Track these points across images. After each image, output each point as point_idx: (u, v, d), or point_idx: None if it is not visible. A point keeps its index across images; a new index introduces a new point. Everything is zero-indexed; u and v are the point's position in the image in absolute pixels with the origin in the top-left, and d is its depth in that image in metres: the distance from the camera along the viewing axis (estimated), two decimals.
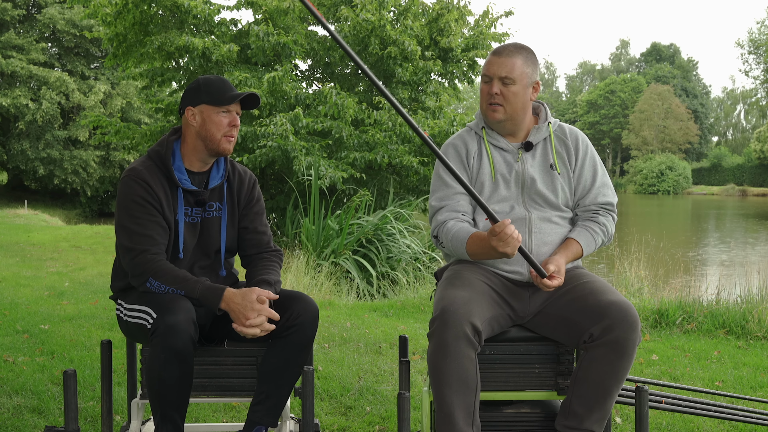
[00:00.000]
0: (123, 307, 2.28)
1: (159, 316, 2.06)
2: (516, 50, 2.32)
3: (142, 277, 2.18)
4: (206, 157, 2.32)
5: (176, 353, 2.04)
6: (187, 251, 2.31)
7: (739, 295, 5.78)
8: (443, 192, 2.38)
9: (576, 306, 2.19)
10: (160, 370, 2.05)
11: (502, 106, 2.30)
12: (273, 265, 2.39)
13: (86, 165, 28.73)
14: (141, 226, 2.19)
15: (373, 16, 10.51)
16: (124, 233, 2.21)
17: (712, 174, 63.45)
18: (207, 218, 2.34)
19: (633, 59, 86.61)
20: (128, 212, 2.21)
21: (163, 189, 2.25)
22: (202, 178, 2.34)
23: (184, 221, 2.29)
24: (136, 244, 2.18)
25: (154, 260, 2.18)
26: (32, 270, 8.30)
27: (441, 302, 2.13)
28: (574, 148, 2.40)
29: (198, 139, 2.29)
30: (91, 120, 13.17)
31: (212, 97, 2.26)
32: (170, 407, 2.11)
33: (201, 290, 2.15)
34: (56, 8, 28.96)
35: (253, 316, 2.11)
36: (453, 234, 2.28)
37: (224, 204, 2.36)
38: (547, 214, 2.34)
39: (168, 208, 2.25)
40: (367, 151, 10.33)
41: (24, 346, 4.29)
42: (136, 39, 11.61)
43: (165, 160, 2.26)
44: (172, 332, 2.03)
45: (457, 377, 2.04)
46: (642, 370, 4.00)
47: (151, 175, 2.24)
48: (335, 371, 3.82)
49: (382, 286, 7.70)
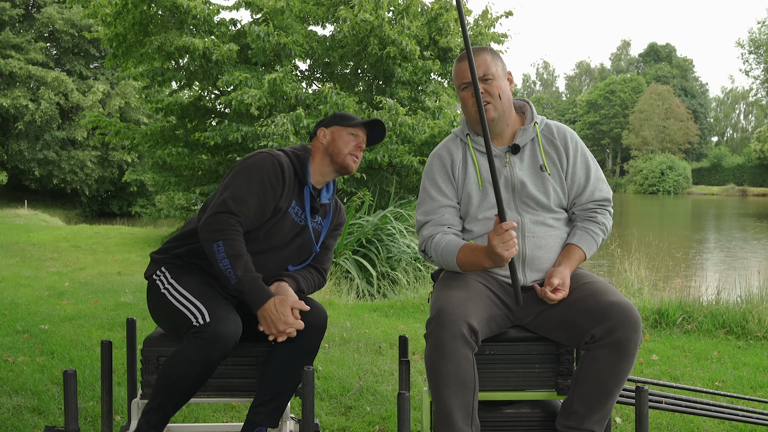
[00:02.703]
0: (167, 280, 2.27)
1: (212, 322, 2.08)
2: (479, 50, 2.33)
3: (216, 235, 2.18)
4: (329, 173, 2.45)
5: (209, 362, 2.07)
6: (281, 242, 2.36)
7: (739, 295, 5.77)
8: (428, 206, 2.37)
9: (577, 307, 2.18)
10: (186, 368, 2.06)
11: (491, 104, 2.29)
12: (310, 276, 2.45)
13: (83, 165, 28.72)
14: (249, 194, 2.24)
15: (372, 17, 10.51)
16: (228, 191, 2.25)
17: (712, 174, 63.47)
18: (312, 228, 2.44)
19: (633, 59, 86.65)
20: (248, 178, 2.26)
21: (290, 182, 2.34)
22: (316, 193, 2.46)
23: (292, 215, 2.36)
24: (234, 203, 2.22)
25: (235, 229, 2.21)
26: (32, 270, 8.30)
27: (437, 303, 2.12)
28: (564, 147, 2.37)
29: (326, 155, 2.43)
30: (90, 120, 13.17)
31: (343, 120, 2.47)
32: (171, 402, 2.12)
33: (252, 286, 2.17)
34: (55, 8, 28.95)
35: (284, 329, 2.17)
36: (442, 247, 2.28)
37: (326, 222, 2.49)
38: (540, 218, 2.32)
39: (284, 199, 2.32)
40: (367, 151, 10.33)
41: (24, 346, 4.29)
42: (136, 39, 11.62)
43: (303, 164, 2.39)
44: (217, 342, 2.06)
45: (454, 377, 2.04)
46: (642, 370, 4.00)
47: (288, 167, 2.34)
48: (335, 371, 3.82)
49: (382, 286, 7.70)
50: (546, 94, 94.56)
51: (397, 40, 10.67)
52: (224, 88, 11.46)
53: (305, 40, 11.58)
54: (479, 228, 2.33)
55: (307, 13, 12.26)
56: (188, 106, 12.71)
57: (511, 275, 2.16)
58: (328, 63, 12.21)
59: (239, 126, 10.35)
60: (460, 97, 2.35)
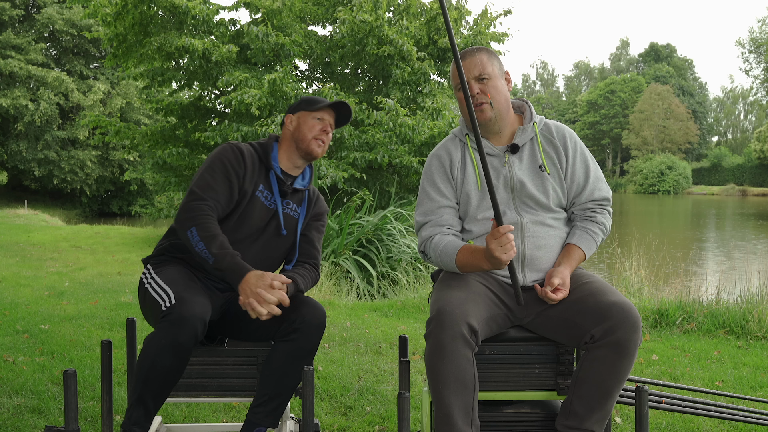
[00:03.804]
0: (150, 275, 2.29)
1: (176, 303, 2.07)
2: (475, 50, 2.34)
3: (188, 222, 2.22)
4: (297, 159, 2.47)
5: (177, 345, 2.03)
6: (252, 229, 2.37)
7: (739, 295, 5.77)
8: (427, 206, 2.37)
9: (577, 307, 2.18)
10: (156, 355, 2.04)
11: (488, 103, 2.29)
12: (306, 273, 2.44)
13: (83, 165, 28.73)
14: (214, 180, 2.30)
15: (370, 17, 10.51)
16: (198, 179, 2.32)
17: (712, 174, 63.47)
18: (283, 212, 2.45)
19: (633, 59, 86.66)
20: (211, 166, 2.33)
21: (253, 166, 2.38)
22: (289, 178, 2.48)
23: (260, 199, 2.38)
24: (201, 190, 2.28)
25: (207, 213, 2.24)
26: (32, 270, 8.31)
27: (437, 303, 2.12)
28: (563, 147, 2.37)
29: (292, 140, 2.46)
30: (90, 120, 13.17)
31: (308, 104, 2.48)
32: (149, 394, 2.08)
33: (230, 262, 2.17)
34: (55, 8, 28.97)
35: (265, 290, 2.14)
36: (441, 248, 2.27)
37: (301, 209, 2.49)
38: (539, 218, 2.31)
39: (249, 181, 2.35)
40: (367, 151, 10.33)
41: (24, 346, 4.29)
42: (136, 39, 11.62)
43: (266, 150, 2.44)
44: (181, 324, 2.03)
45: (454, 378, 2.04)
46: (642, 370, 4.00)
47: (248, 151, 2.39)
48: (335, 371, 3.82)
49: (382, 286, 7.70)
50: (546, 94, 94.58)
51: (394, 40, 10.66)
52: (224, 88, 11.47)
53: (304, 40, 11.58)
54: (479, 228, 2.33)
55: (306, 13, 12.26)
56: (188, 106, 12.71)
57: (511, 275, 2.16)
58: (328, 63, 12.21)
59: (239, 126, 10.35)
60: (457, 98, 2.36)
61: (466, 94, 2.10)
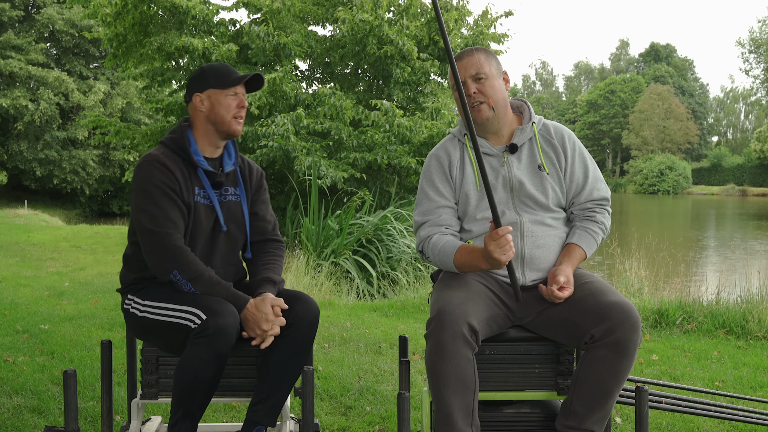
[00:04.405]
0: (139, 304, 2.26)
1: (210, 318, 2.06)
2: (473, 50, 2.35)
3: (166, 266, 2.18)
4: (217, 141, 2.37)
5: (218, 356, 2.06)
6: (205, 232, 2.32)
7: (739, 295, 5.77)
8: (426, 206, 2.38)
9: (577, 307, 2.18)
10: (199, 369, 2.05)
11: (485, 103, 2.31)
12: (276, 260, 2.42)
13: (85, 164, 28.74)
14: (162, 209, 2.20)
15: (371, 17, 10.51)
16: (145, 217, 2.21)
17: (712, 174, 63.47)
18: (224, 202, 2.37)
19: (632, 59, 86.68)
20: (149, 195, 2.21)
21: (181, 172, 2.27)
22: (216, 164, 2.38)
23: (201, 202, 2.31)
24: (160, 226, 2.19)
25: (181, 250, 2.19)
26: (32, 270, 8.30)
27: (437, 303, 2.12)
28: (562, 147, 2.37)
29: (208, 123, 2.33)
30: (90, 120, 13.17)
31: (218, 81, 2.31)
32: (196, 406, 2.12)
33: (225, 295, 2.17)
34: (55, 8, 28.96)
35: (268, 327, 2.16)
36: (439, 248, 2.28)
37: (239, 189, 2.41)
38: (538, 217, 2.32)
39: (186, 191, 2.27)
40: (367, 152, 10.32)
41: (24, 346, 4.29)
42: (136, 39, 11.62)
43: (182, 145, 2.30)
44: (221, 335, 2.05)
45: (455, 378, 2.04)
46: (642, 370, 4.00)
47: (168, 159, 2.26)
48: (335, 371, 3.82)
49: (382, 286, 7.70)
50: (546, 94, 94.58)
51: (395, 40, 10.66)
52: None
53: (304, 40, 11.57)
54: (478, 228, 2.33)
55: (306, 13, 12.26)
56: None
57: (509, 274, 2.16)
58: (329, 63, 12.21)
59: None
60: (455, 97, 2.36)
61: (461, 93, 2.11)
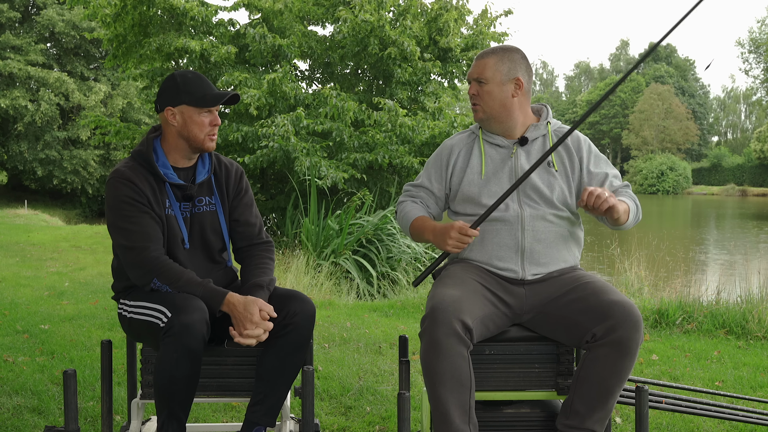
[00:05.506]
0: (126, 305, 2.27)
1: (174, 315, 2.06)
2: (492, 51, 2.38)
3: (146, 277, 2.19)
4: (189, 154, 2.33)
5: (189, 352, 2.05)
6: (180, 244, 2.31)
7: (739, 295, 5.77)
8: (417, 182, 2.55)
9: (578, 306, 2.18)
10: (172, 368, 2.05)
11: (480, 106, 2.38)
12: (266, 263, 2.40)
13: (86, 164, 28.76)
14: (136, 224, 2.19)
15: (372, 17, 10.51)
16: (120, 234, 2.22)
17: (712, 174, 63.48)
18: (197, 213, 2.34)
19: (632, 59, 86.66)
20: (120, 213, 2.21)
21: (149, 186, 2.25)
22: (188, 174, 2.34)
23: (173, 214, 2.28)
24: (135, 242, 2.19)
25: (158, 259, 2.19)
26: (32, 270, 8.30)
27: (431, 301, 2.14)
28: (577, 150, 2.39)
29: (180, 138, 2.29)
30: (91, 120, 13.17)
31: (193, 98, 2.25)
32: (178, 406, 2.11)
33: (202, 292, 2.16)
34: (55, 9, 28.98)
35: (252, 328, 2.14)
36: (405, 212, 2.48)
37: (215, 197, 2.38)
38: (540, 212, 2.32)
39: (156, 205, 2.25)
40: (368, 152, 10.32)
41: (24, 346, 4.29)
42: (136, 40, 11.62)
43: (148, 158, 2.26)
44: (187, 332, 2.04)
45: (450, 375, 2.04)
46: (642, 370, 4.00)
47: (135, 174, 2.23)
48: (335, 371, 3.82)
49: (382, 286, 7.70)
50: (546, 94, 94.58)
51: (398, 41, 10.66)
52: (224, 89, 11.46)
53: (304, 40, 11.57)
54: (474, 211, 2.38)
55: (306, 13, 12.25)
56: None
57: None
58: (329, 63, 12.20)
59: (239, 126, 10.35)
60: None
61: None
